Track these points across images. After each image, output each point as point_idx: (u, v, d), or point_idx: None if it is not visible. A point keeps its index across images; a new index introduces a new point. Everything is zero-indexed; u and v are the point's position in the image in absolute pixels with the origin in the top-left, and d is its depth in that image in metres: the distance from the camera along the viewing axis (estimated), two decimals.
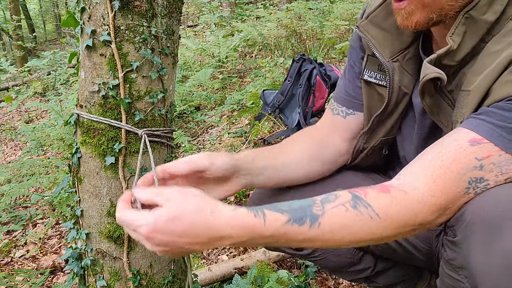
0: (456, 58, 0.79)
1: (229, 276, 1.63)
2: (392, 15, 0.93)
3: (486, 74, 0.72)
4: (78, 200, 1.06)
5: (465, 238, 0.68)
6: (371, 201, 0.69)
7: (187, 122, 3.74)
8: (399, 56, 0.94)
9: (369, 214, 0.68)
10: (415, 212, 0.69)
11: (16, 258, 2.16)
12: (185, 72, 4.91)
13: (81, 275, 1.07)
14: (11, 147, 4.46)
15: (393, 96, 0.96)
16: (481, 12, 0.75)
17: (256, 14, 7.06)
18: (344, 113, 1.08)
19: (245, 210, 0.67)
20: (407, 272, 1.19)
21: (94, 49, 0.97)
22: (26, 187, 2.72)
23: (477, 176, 0.68)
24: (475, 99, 0.74)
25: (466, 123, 0.72)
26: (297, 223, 0.67)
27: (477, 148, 0.68)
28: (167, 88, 1.04)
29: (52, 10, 17.49)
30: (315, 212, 0.68)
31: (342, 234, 0.68)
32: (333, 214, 0.68)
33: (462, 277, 0.70)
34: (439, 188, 0.69)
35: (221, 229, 0.65)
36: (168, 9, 1.00)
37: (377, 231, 0.69)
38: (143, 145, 0.98)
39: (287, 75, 3.15)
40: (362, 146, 1.06)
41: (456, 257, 0.71)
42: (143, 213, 0.66)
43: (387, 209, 0.68)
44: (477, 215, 0.67)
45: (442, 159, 0.70)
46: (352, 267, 1.15)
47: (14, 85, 7.00)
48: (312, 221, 0.67)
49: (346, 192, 0.71)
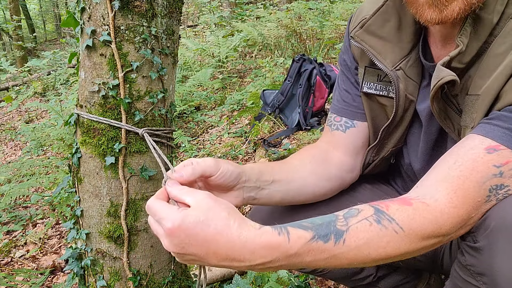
0: (464, 60, 0.77)
1: (229, 276, 1.63)
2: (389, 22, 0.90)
3: (495, 77, 0.71)
4: (78, 200, 1.06)
5: (488, 244, 0.66)
6: (394, 215, 0.66)
7: (187, 122, 3.74)
8: (402, 64, 0.90)
9: (393, 228, 0.65)
10: (439, 224, 0.67)
11: (16, 258, 2.16)
12: (185, 72, 4.91)
13: (81, 275, 1.07)
14: (11, 147, 4.46)
15: (400, 105, 0.92)
16: (488, 12, 0.74)
17: (256, 14, 7.07)
18: (343, 127, 1.03)
19: (269, 228, 0.63)
20: (407, 275, 1.19)
21: (94, 49, 0.97)
22: (26, 187, 2.72)
23: (497, 183, 0.67)
24: (485, 103, 0.72)
25: (479, 129, 0.71)
26: (322, 240, 0.63)
27: (495, 156, 0.67)
28: (167, 88, 1.04)
29: (52, 10, 17.49)
30: (339, 228, 0.64)
31: (368, 250, 0.65)
32: (357, 229, 0.64)
33: (481, 283, 0.69)
34: (460, 199, 0.67)
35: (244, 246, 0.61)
36: (168, 9, 1.00)
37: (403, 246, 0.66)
38: (149, 143, 0.98)
39: (287, 75, 3.15)
40: (372, 159, 1.03)
41: (476, 263, 0.69)
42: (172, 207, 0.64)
43: (410, 222, 0.66)
44: (502, 222, 0.65)
45: (460, 169, 0.68)
46: (354, 276, 1.15)
47: (14, 85, 7.01)
48: (337, 237, 0.64)
49: (368, 206, 0.68)
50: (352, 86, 1.02)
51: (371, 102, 0.98)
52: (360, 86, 0.98)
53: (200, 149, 3.13)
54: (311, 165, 0.98)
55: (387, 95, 0.94)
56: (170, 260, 1.12)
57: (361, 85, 0.97)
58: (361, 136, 1.02)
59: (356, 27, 0.94)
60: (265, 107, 3.20)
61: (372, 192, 1.10)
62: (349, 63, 1.02)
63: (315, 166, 0.99)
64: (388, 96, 0.94)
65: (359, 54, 0.97)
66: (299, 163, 0.98)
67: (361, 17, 0.94)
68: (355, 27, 0.94)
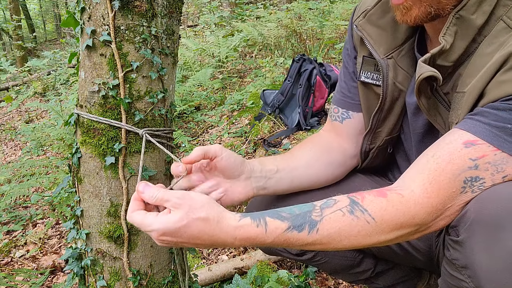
0: (450, 59, 0.79)
1: (229, 276, 1.64)
2: (388, 13, 0.94)
3: (480, 75, 0.73)
4: (78, 200, 1.06)
5: (468, 237, 0.68)
6: (367, 206, 0.71)
7: (187, 122, 3.74)
8: (394, 53, 0.94)
9: (365, 219, 0.70)
10: (412, 214, 0.70)
11: (16, 258, 2.16)
12: (185, 72, 4.91)
13: (81, 275, 1.07)
14: (11, 147, 4.46)
15: (389, 93, 0.96)
16: (470, 12, 0.76)
17: (256, 14, 7.07)
18: (340, 118, 1.09)
19: (248, 220, 0.72)
20: (407, 273, 1.19)
21: (94, 49, 0.97)
22: (26, 187, 2.72)
23: (472, 175, 0.69)
24: (470, 100, 0.74)
25: (461, 124, 0.73)
26: (296, 230, 0.70)
27: (472, 150, 0.69)
28: (167, 88, 1.04)
29: (52, 10, 17.50)
30: (313, 218, 0.71)
31: (340, 238, 0.71)
32: (330, 219, 0.71)
33: (466, 277, 0.70)
34: (434, 190, 0.70)
35: (225, 239, 0.71)
36: (168, 9, 1.00)
37: (375, 235, 0.71)
38: (145, 144, 0.98)
39: (287, 75, 3.15)
40: (368, 147, 1.06)
41: (459, 256, 0.71)
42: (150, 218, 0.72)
43: (382, 212, 0.71)
44: (480, 215, 0.67)
45: (437, 161, 0.71)
46: (353, 269, 1.15)
47: (14, 85, 7.01)
48: (310, 227, 0.70)
49: (345, 197, 0.73)
50: (349, 76, 1.07)
51: (367, 91, 1.01)
52: (358, 75, 1.02)
53: None
54: (312, 152, 1.05)
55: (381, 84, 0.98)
56: (170, 260, 1.12)
57: (359, 74, 1.01)
58: (356, 127, 1.07)
59: (360, 17, 0.99)
60: (265, 107, 3.20)
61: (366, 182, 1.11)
62: (350, 52, 1.07)
63: (316, 153, 1.05)
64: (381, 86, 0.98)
65: (359, 44, 1.01)
66: (300, 152, 1.05)
67: (365, 6, 0.99)
68: (358, 16, 0.99)
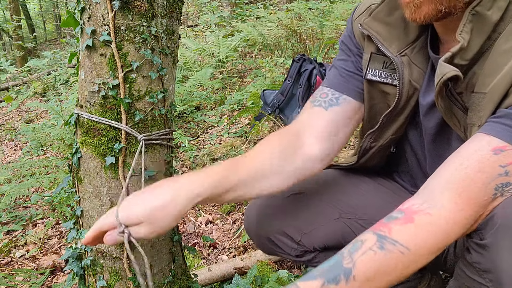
0: (467, 57, 0.77)
1: (229, 276, 1.63)
2: (396, 10, 0.91)
3: (503, 75, 0.70)
4: (78, 200, 1.06)
5: (495, 241, 0.67)
6: (396, 237, 0.67)
7: (187, 122, 3.74)
8: (407, 50, 0.91)
9: (398, 250, 0.66)
10: (446, 232, 0.67)
11: (16, 258, 2.16)
12: (185, 72, 4.90)
13: (81, 275, 1.07)
14: (11, 147, 4.45)
15: (404, 92, 0.92)
16: (486, 8, 0.74)
17: (256, 14, 7.06)
18: (326, 104, 0.98)
19: None
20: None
21: (94, 49, 0.97)
22: (26, 187, 2.71)
23: (503, 181, 0.67)
24: (493, 101, 0.72)
25: (486, 128, 0.70)
26: (332, 283, 0.65)
27: (501, 156, 0.67)
28: (167, 88, 1.04)
29: (52, 10, 17.49)
30: (346, 266, 0.66)
31: (380, 277, 0.66)
32: (363, 262, 0.66)
33: (487, 281, 0.69)
34: (465, 202, 0.67)
35: None
36: (168, 9, 1.00)
37: (413, 263, 0.67)
38: (140, 150, 0.98)
39: (287, 75, 3.15)
40: (369, 145, 1.03)
41: (482, 260, 0.69)
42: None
43: (414, 239, 0.67)
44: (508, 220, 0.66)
45: (465, 171, 0.68)
46: None
47: (14, 85, 7.00)
48: (346, 276, 0.66)
49: (370, 234, 0.69)
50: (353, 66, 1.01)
51: (373, 90, 0.97)
52: (364, 73, 0.97)
53: (200, 149, 3.12)
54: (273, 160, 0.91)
55: (391, 83, 0.94)
56: (170, 260, 1.12)
57: (365, 72, 0.97)
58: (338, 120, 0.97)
59: (362, 14, 0.96)
60: (265, 107, 3.20)
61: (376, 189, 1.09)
62: (352, 48, 1.02)
63: (276, 162, 0.91)
64: (392, 84, 0.94)
65: (365, 40, 0.97)
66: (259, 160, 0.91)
67: (367, 4, 0.96)
68: (360, 14, 0.96)
